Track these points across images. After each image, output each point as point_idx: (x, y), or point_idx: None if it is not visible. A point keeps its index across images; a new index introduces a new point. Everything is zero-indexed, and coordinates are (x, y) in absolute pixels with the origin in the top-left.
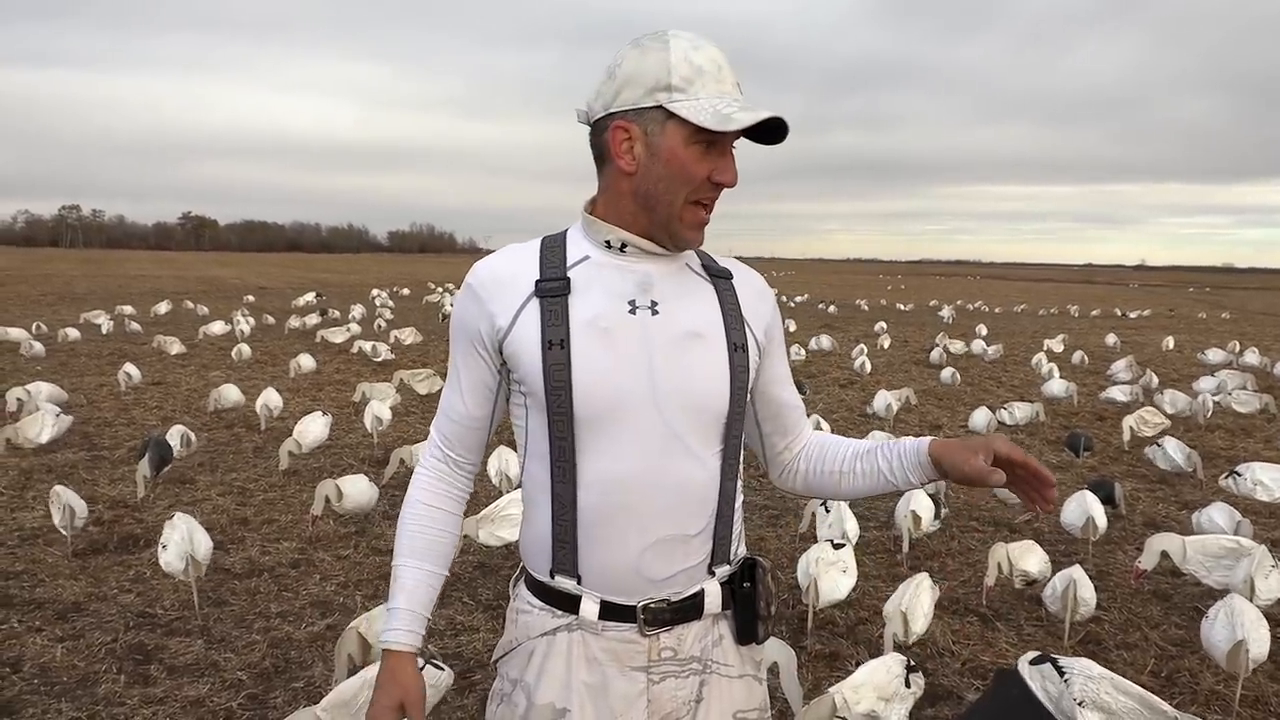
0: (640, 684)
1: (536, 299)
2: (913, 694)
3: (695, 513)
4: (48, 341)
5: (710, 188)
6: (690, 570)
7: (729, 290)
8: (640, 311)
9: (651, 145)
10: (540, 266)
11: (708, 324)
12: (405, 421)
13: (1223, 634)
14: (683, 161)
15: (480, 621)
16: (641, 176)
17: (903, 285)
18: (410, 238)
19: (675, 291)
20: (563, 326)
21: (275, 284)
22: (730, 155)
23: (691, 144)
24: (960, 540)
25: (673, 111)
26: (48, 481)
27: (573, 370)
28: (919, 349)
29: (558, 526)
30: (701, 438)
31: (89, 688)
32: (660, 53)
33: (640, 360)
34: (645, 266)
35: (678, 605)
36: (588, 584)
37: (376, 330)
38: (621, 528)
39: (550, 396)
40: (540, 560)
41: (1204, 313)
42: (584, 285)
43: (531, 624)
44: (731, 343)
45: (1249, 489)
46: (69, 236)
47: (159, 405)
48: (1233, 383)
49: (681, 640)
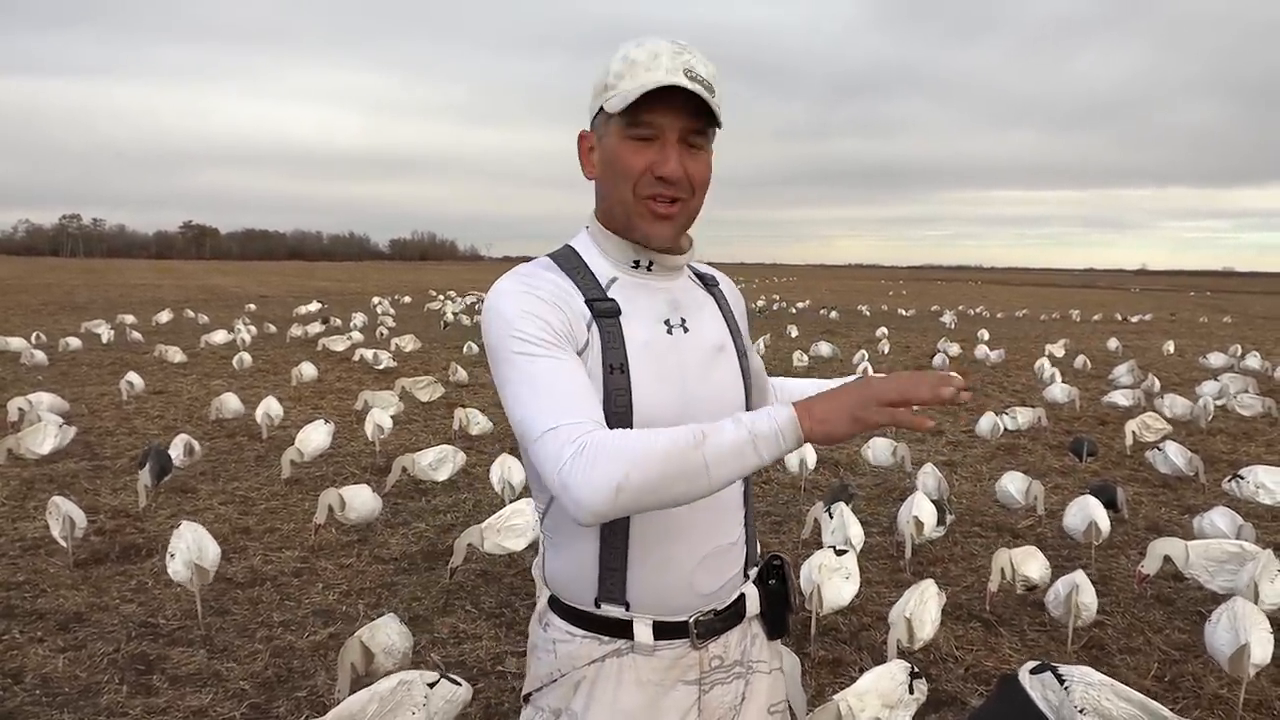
0: (693, 696)
1: (595, 320)
2: (916, 700)
3: (732, 521)
4: (49, 351)
5: (654, 182)
6: (733, 578)
7: (721, 298)
8: (675, 330)
9: (602, 148)
10: (579, 287)
11: (724, 333)
12: (407, 430)
13: (1225, 637)
14: (621, 156)
15: (483, 629)
16: (601, 180)
17: (904, 291)
18: (412, 245)
19: (694, 307)
20: (620, 350)
21: (276, 292)
22: (672, 146)
23: (626, 138)
24: (963, 546)
25: (605, 109)
26: (49, 491)
27: (633, 395)
28: (921, 354)
29: (607, 554)
30: None
31: (91, 698)
32: (607, 59)
33: (680, 379)
34: (667, 283)
35: (724, 613)
36: (636, 608)
37: (378, 338)
38: (672, 548)
39: (612, 421)
40: (581, 590)
41: (1205, 316)
42: (628, 308)
43: (576, 654)
44: (739, 350)
45: (1251, 492)
46: (70, 245)
47: (160, 414)
48: (1234, 386)
49: (727, 646)
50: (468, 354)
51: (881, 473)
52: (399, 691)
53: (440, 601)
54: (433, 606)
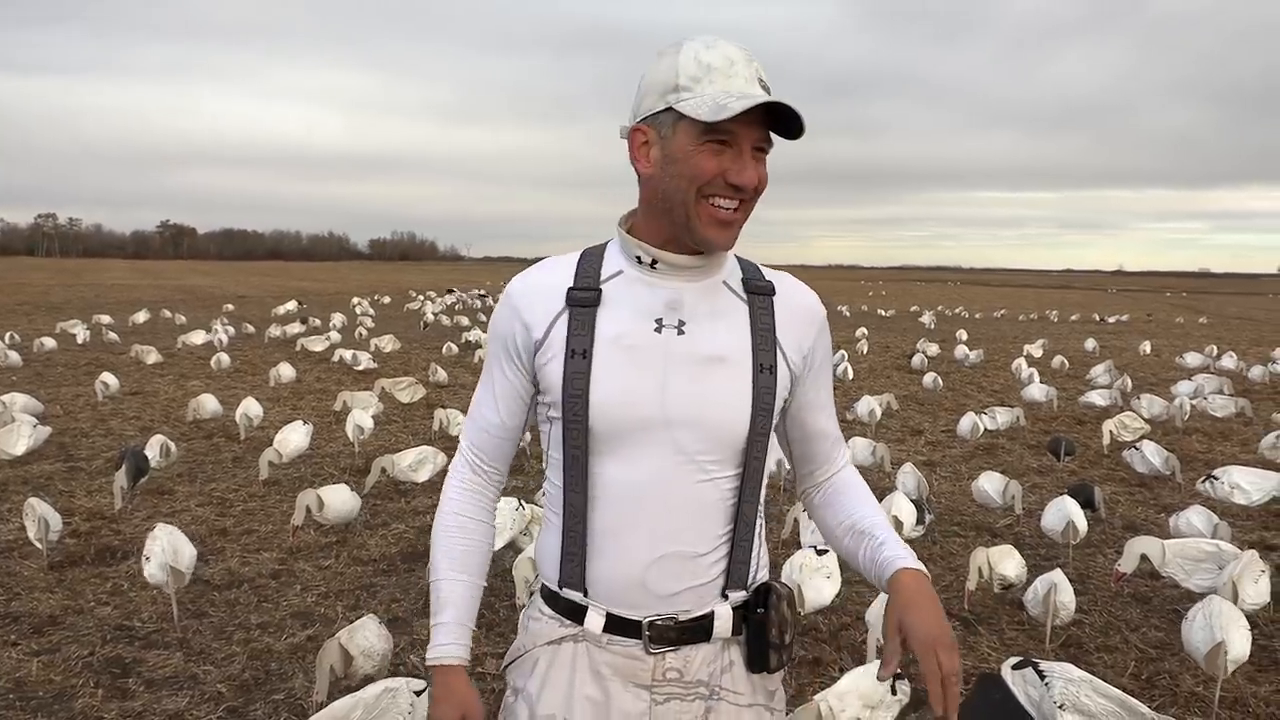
0: (643, 702)
1: (569, 308)
2: (899, 701)
3: (706, 532)
4: (23, 351)
5: (725, 187)
6: (700, 590)
7: (765, 309)
8: (666, 330)
9: (666, 147)
10: (575, 276)
11: (734, 346)
12: (387, 430)
13: (1202, 635)
14: (693, 159)
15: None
16: (659, 178)
17: (884, 291)
18: (391, 246)
19: (706, 311)
20: (587, 337)
21: (255, 292)
22: (748, 154)
23: (703, 142)
24: (942, 545)
25: (681, 111)
26: (23, 493)
27: (591, 381)
28: (900, 354)
29: (568, 537)
30: (717, 459)
31: (65, 702)
32: (672, 57)
33: (657, 379)
34: (676, 284)
35: (685, 625)
36: (594, 596)
37: (357, 339)
38: (629, 540)
39: (567, 404)
40: (551, 570)
41: (1182, 317)
42: (614, 300)
43: (540, 631)
44: (758, 364)
45: (1226, 492)
46: (45, 245)
47: (137, 415)
48: (1210, 387)
49: (689, 663)
50: (447, 354)
51: (861, 472)
52: (384, 699)
53: (420, 603)
54: (412, 608)
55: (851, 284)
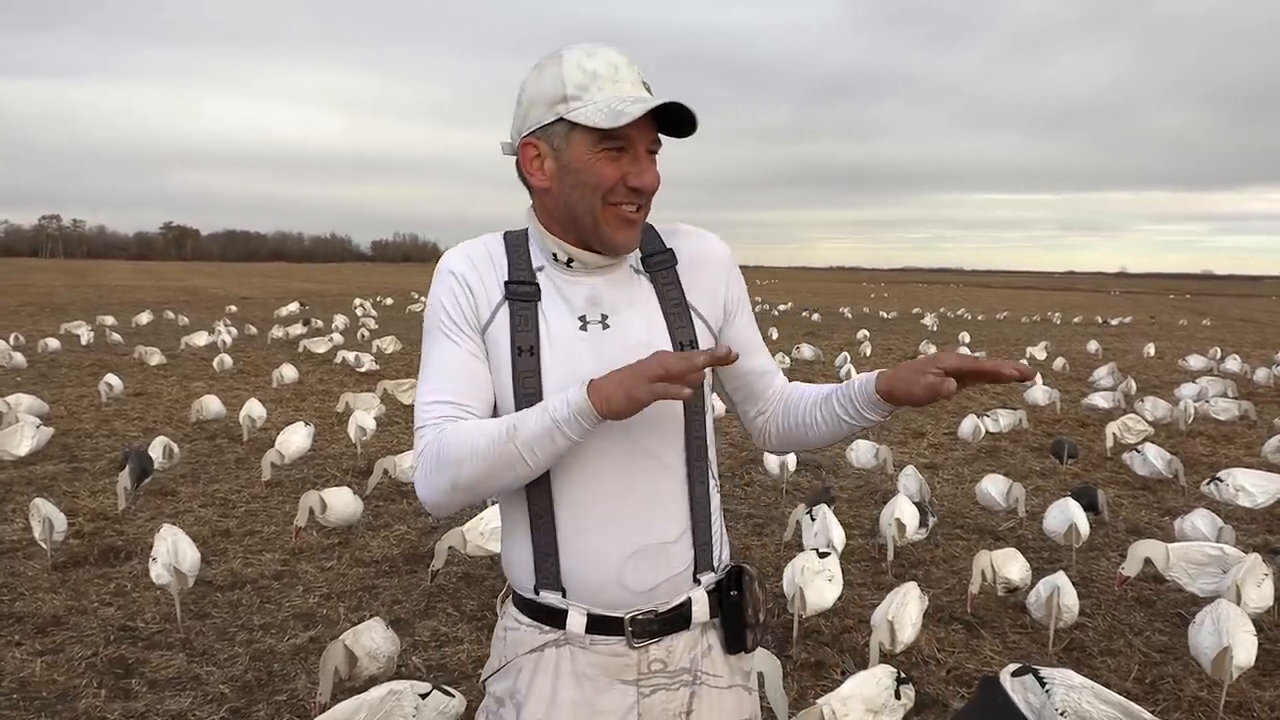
0: (630, 698)
1: (508, 301)
2: (903, 706)
3: (670, 518)
4: (27, 352)
5: (627, 192)
6: (675, 579)
7: (670, 281)
8: (592, 327)
9: (561, 158)
10: (510, 268)
11: (654, 330)
12: (389, 432)
13: (1209, 639)
14: (592, 167)
15: (464, 633)
16: (558, 190)
17: (886, 293)
18: (393, 247)
19: (623, 301)
20: (532, 334)
21: (257, 294)
22: (645, 158)
23: (600, 149)
24: (945, 548)
25: (573, 121)
26: (27, 494)
27: (543, 380)
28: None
29: (538, 538)
30: (663, 445)
31: (69, 702)
32: (555, 68)
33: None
34: (592, 279)
35: (665, 616)
36: (573, 596)
37: (359, 340)
38: (600, 538)
39: (520, 404)
40: (524, 576)
41: (1184, 319)
42: (547, 295)
43: (520, 641)
44: (677, 343)
45: (1230, 495)
46: (49, 246)
47: (140, 416)
48: (1213, 389)
49: (671, 652)
50: None
51: (863, 475)
52: (388, 701)
53: (421, 605)
54: (414, 610)
55: (853, 285)
